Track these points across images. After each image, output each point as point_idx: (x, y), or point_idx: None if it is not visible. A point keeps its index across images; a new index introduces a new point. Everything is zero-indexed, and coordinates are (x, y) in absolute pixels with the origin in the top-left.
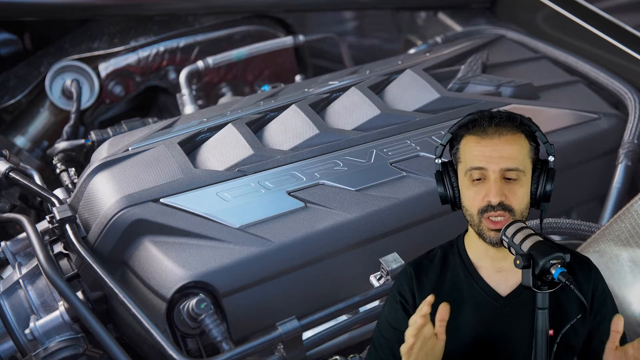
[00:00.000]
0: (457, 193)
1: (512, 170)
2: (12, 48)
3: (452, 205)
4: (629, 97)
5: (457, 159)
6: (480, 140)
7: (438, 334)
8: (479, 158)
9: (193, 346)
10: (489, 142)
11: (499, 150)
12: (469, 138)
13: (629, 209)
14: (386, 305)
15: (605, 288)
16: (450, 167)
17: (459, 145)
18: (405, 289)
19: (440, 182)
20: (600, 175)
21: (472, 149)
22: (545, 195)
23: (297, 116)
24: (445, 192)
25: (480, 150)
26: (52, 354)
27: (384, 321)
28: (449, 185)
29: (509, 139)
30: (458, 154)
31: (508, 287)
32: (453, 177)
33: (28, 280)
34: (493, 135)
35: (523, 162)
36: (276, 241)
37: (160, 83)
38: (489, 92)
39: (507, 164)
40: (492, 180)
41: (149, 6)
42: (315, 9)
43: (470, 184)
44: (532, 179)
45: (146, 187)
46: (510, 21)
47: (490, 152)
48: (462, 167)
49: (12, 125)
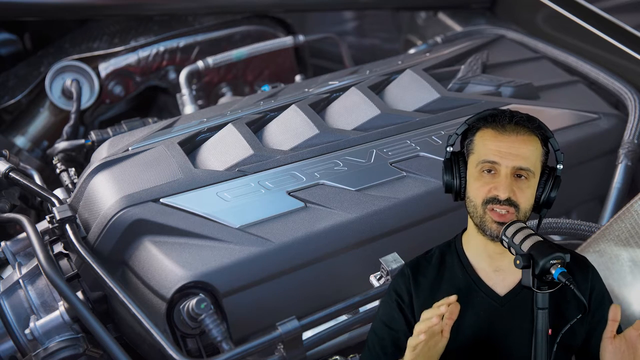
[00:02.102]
0: (463, 183)
1: (523, 170)
2: (12, 48)
3: (456, 195)
4: (629, 97)
5: (469, 150)
6: (498, 135)
7: (444, 332)
8: (494, 152)
9: (193, 346)
10: (506, 139)
11: (515, 148)
12: (485, 131)
13: (629, 209)
14: (382, 305)
15: (602, 287)
16: (461, 157)
17: (473, 137)
18: (402, 288)
19: (449, 170)
20: (600, 175)
21: (487, 143)
22: (549, 202)
23: (297, 116)
24: (452, 180)
25: (497, 145)
26: (52, 354)
27: (378, 321)
28: (456, 174)
29: (525, 139)
30: (472, 145)
31: (506, 286)
32: (462, 167)
33: (28, 280)
34: (511, 132)
35: (535, 164)
36: (276, 241)
37: (160, 83)
38: (489, 92)
39: (521, 162)
40: (502, 175)
41: (149, 6)
42: (315, 9)
43: (480, 175)
44: (539, 182)
45: (146, 187)
46: (510, 21)
47: (506, 148)
48: (474, 158)
49: (12, 125)
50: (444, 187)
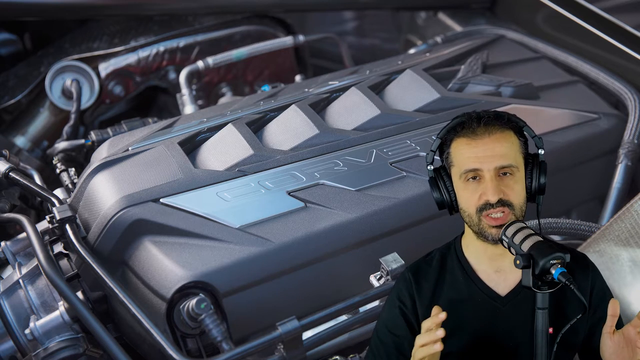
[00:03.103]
0: (453, 197)
1: (506, 167)
2: (12, 48)
3: (450, 209)
4: (629, 97)
5: (449, 163)
6: (471, 141)
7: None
8: (472, 159)
9: (193, 346)
10: (480, 142)
11: (491, 149)
12: (459, 141)
13: (629, 209)
14: (385, 310)
15: (603, 284)
16: (444, 172)
17: (449, 149)
18: (405, 294)
19: (435, 187)
20: (600, 175)
21: (463, 152)
22: (540, 188)
23: (297, 116)
24: (442, 197)
25: (472, 152)
26: (52, 354)
27: (382, 326)
28: (444, 190)
29: (499, 136)
30: (450, 157)
31: (506, 287)
32: (447, 182)
33: (28, 280)
34: (483, 135)
35: (515, 158)
36: (276, 241)
37: (160, 83)
38: (489, 92)
39: (501, 161)
40: (487, 179)
41: (149, 6)
42: (315, 9)
43: (465, 185)
44: (526, 173)
45: (146, 187)
46: (510, 21)
47: (483, 152)
48: (455, 170)
49: (12, 125)
50: (436, 204)
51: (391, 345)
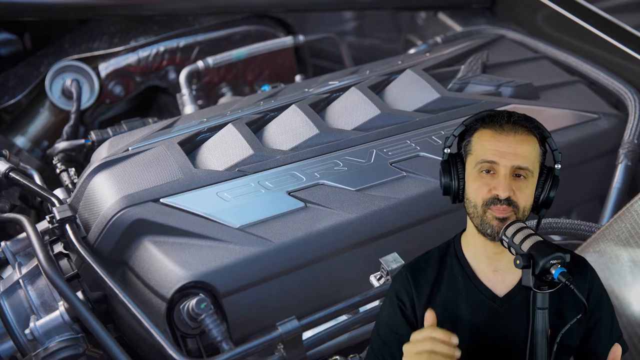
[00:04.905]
0: (462, 185)
1: (522, 169)
2: (12, 48)
3: (454, 197)
4: (629, 97)
5: (467, 151)
6: (496, 135)
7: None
8: (493, 152)
9: (193, 346)
10: (504, 138)
11: (513, 148)
12: (483, 132)
13: (629, 209)
14: (384, 308)
15: (600, 287)
16: (459, 159)
17: (471, 137)
18: (403, 292)
19: (447, 172)
20: (600, 175)
21: (486, 143)
22: (547, 202)
23: (297, 116)
24: (450, 182)
25: (495, 145)
26: (52, 354)
27: (383, 325)
28: (455, 176)
29: (524, 138)
30: (469, 146)
31: (505, 287)
32: (460, 169)
33: (28, 280)
34: (509, 132)
35: (533, 163)
36: (276, 241)
37: (160, 83)
38: (489, 92)
39: (520, 162)
40: (502, 175)
41: (149, 6)
42: (315, 9)
43: (478, 175)
44: (538, 183)
45: (146, 187)
46: (510, 21)
47: (505, 147)
48: (472, 159)
49: (12, 125)
50: (442, 189)
51: (395, 344)
